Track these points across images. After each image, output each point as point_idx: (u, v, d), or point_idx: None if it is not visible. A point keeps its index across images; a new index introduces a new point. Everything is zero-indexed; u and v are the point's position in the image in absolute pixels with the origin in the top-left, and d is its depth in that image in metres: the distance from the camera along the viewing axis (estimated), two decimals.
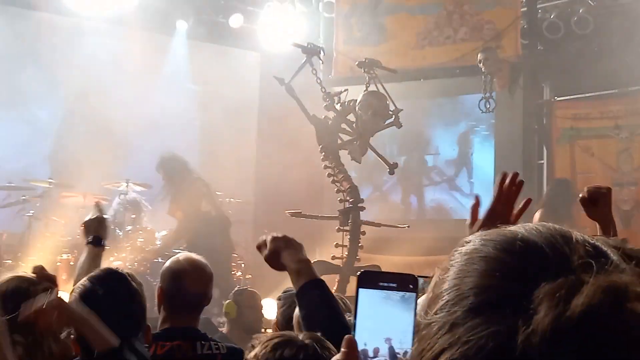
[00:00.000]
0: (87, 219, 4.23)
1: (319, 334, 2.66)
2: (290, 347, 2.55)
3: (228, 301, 6.47)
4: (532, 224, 0.98)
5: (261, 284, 9.29)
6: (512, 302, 0.88)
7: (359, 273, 1.24)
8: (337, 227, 8.35)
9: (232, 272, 10.13)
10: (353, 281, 7.88)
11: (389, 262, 9.52)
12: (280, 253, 3.12)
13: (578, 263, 0.90)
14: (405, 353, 1.19)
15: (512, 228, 0.98)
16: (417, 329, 0.99)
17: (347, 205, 8.38)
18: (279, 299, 4.32)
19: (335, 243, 8.28)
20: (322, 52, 8.95)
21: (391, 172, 8.77)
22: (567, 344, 0.84)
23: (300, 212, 8.69)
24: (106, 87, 11.32)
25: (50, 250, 9.25)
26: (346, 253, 8.19)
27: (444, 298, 0.95)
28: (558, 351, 0.84)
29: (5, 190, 9.77)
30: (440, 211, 12.15)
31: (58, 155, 11.16)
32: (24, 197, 9.76)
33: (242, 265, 10.44)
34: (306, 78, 8.77)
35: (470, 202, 2.63)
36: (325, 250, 8.70)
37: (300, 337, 2.64)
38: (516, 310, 0.87)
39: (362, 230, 8.32)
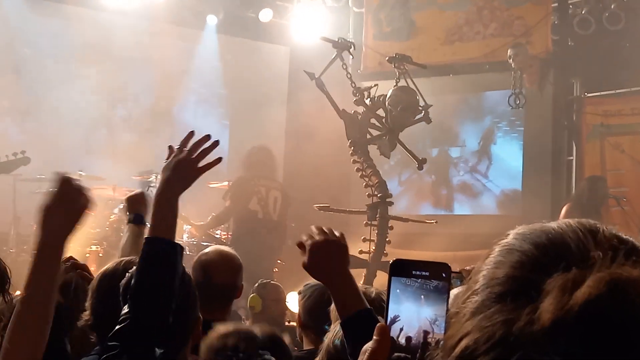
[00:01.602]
0: (130, 194, 4.19)
1: None
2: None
3: (253, 295, 6.45)
4: (567, 220, 1.00)
5: (289, 277, 9.32)
6: (527, 292, 0.90)
7: (391, 261, 1.24)
8: (365, 222, 8.34)
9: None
10: (380, 275, 7.88)
11: (416, 258, 9.50)
12: (320, 264, 2.67)
13: (597, 256, 0.91)
14: (437, 342, 1.19)
15: (548, 223, 1.00)
16: (448, 317, 1.00)
17: (375, 200, 8.37)
18: (299, 292, 4.32)
19: (362, 237, 8.26)
20: (352, 46, 8.94)
21: (420, 168, 8.75)
22: (566, 334, 0.85)
23: (329, 206, 8.69)
24: (135, 81, 11.39)
25: (79, 241, 9.32)
26: (374, 247, 8.18)
27: (474, 287, 0.97)
28: (557, 341, 0.85)
29: (35, 182, 9.84)
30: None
31: (89, 148, 11.26)
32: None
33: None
34: (336, 73, 8.77)
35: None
36: (353, 244, 8.64)
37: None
38: (528, 300, 0.89)
39: (390, 225, 8.31)
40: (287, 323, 6.75)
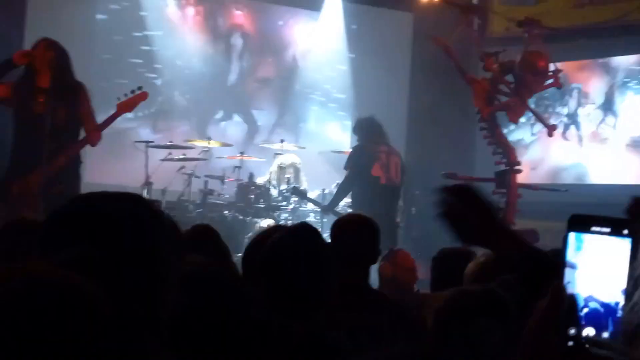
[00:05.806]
0: None
1: None
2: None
3: (383, 262, 6.44)
4: None
5: (414, 243, 9.30)
6: None
7: (570, 216, 1.18)
8: (492, 190, 8.21)
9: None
10: None
11: (546, 227, 9.27)
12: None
13: None
14: (616, 304, 1.14)
15: None
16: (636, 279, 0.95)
17: (504, 167, 8.24)
18: (433, 259, 4.27)
19: None
20: (478, 11, 8.79)
21: (550, 134, 8.56)
22: None
23: (456, 174, 8.59)
24: (263, 50, 11.44)
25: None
26: (502, 216, 8.06)
27: None
28: None
29: (165, 150, 10.07)
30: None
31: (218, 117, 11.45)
32: (183, 156, 10.05)
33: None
34: (462, 38, 8.65)
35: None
36: None
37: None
38: None
39: (518, 193, 8.16)
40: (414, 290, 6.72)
